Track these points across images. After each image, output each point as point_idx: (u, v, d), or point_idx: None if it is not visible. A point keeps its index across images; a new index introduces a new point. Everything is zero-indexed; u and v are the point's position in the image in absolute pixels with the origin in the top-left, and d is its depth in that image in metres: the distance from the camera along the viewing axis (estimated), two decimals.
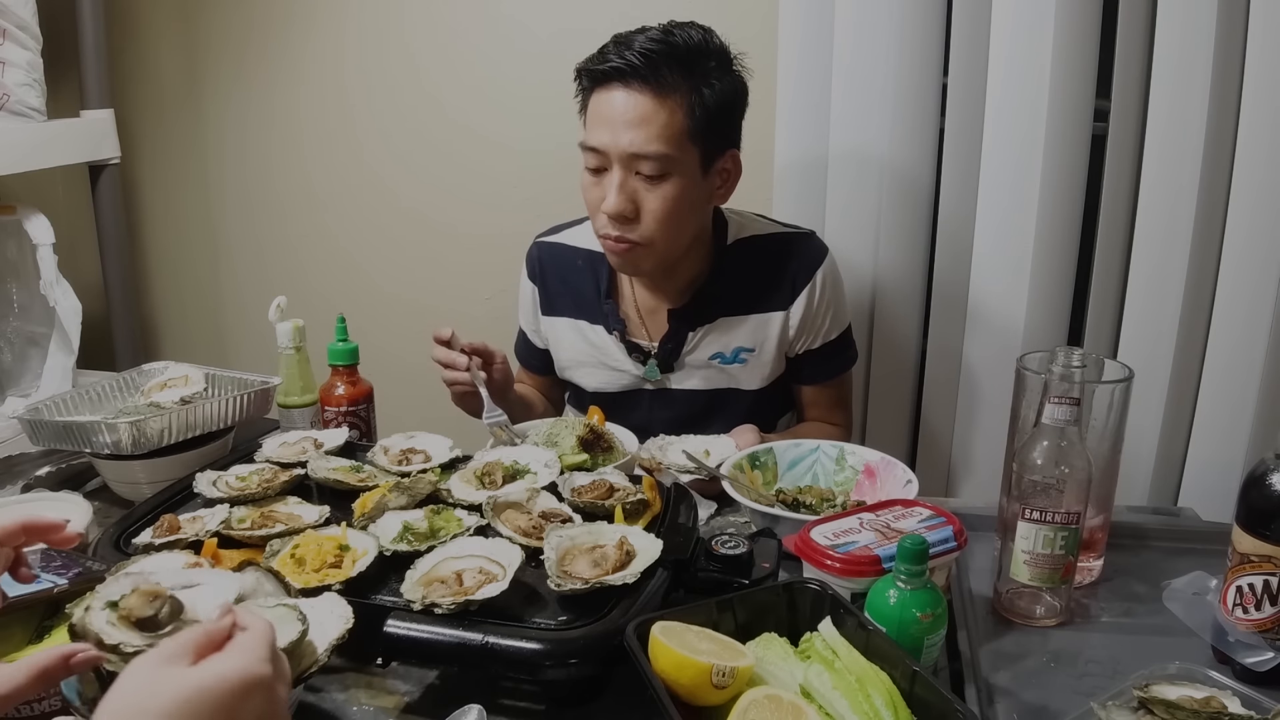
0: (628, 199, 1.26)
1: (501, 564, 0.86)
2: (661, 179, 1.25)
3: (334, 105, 2.08)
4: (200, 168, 2.22)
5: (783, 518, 1.05)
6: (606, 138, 1.24)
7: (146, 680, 0.56)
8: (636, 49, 1.22)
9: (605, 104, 1.25)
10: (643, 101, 1.22)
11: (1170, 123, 1.49)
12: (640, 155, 1.23)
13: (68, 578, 0.84)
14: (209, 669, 0.57)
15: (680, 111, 1.23)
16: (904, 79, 1.61)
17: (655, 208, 1.26)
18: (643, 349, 1.44)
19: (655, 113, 1.22)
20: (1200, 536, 1.14)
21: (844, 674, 0.74)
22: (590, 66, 1.27)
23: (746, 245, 1.42)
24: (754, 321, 1.41)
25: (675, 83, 1.23)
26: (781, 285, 1.40)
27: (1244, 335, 1.52)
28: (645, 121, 1.22)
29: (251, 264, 2.27)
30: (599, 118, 1.26)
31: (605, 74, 1.25)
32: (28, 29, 1.75)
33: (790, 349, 1.43)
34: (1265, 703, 0.79)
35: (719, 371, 1.43)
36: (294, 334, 1.34)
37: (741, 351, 1.41)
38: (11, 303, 1.90)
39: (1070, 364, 0.97)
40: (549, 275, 1.49)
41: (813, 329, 1.42)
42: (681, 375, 1.44)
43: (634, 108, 1.23)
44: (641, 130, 1.22)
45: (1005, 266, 1.63)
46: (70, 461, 1.33)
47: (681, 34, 1.25)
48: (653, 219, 1.27)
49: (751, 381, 1.43)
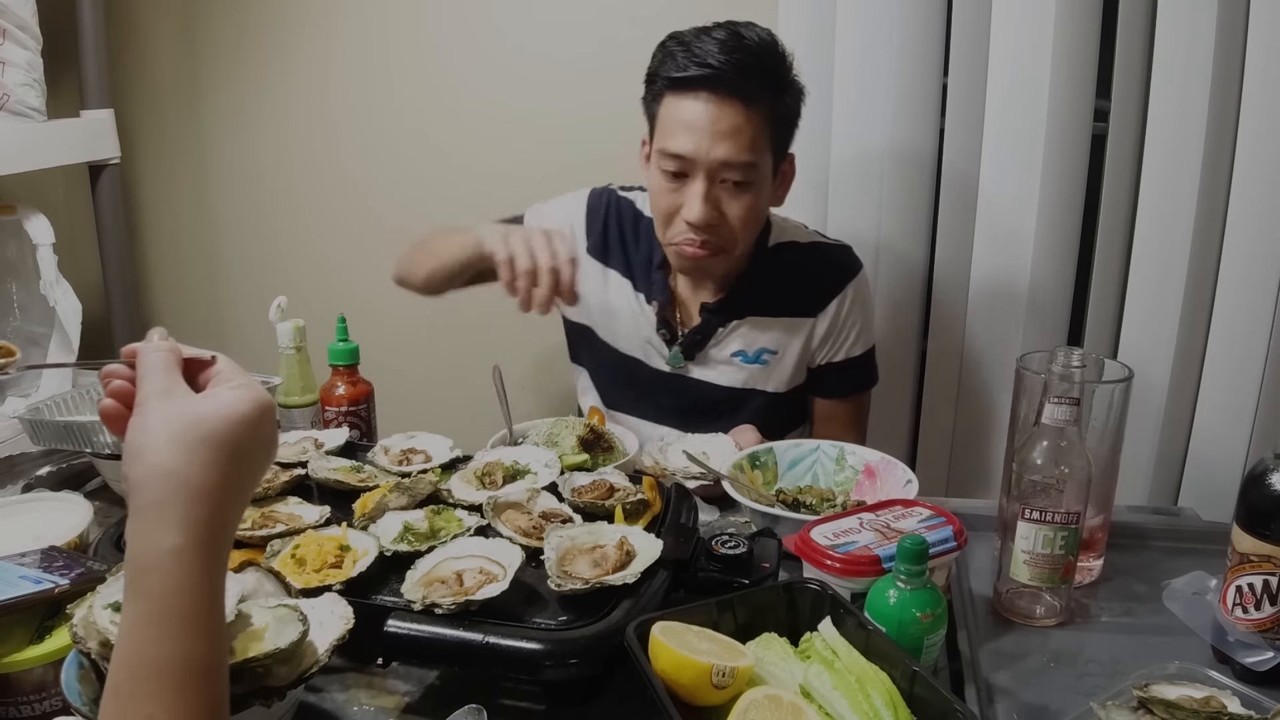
0: (713, 208, 1.25)
1: (502, 564, 0.86)
2: (746, 187, 1.25)
3: (335, 104, 2.08)
4: (200, 168, 2.22)
5: (783, 518, 1.05)
6: (692, 146, 1.22)
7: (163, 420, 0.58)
8: (724, 59, 1.20)
9: (689, 111, 1.22)
10: (733, 112, 1.20)
11: (1170, 123, 1.49)
12: (731, 164, 1.22)
13: (69, 578, 0.84)
14: (223, 396, 0.61)
15: (763, 120, 1.23)
16: (904, 79, 1.61)
17: (739, 215, 1.26)
18: (672, 329, 1.43)
19: (746, 123, 1.21)
20: (1200, 536, 1.14)
21: (844, 674, 0.74)
22: (671, 74, 1.23)
23: (785, 250, 1.42)
24: (781, 324, 1.41)
25: (759, 92, 1.22)
26: (813, 292, 1.40)
27: (1244, 335, 1.52)
28: (737, 132, 1.21)
29: (252, 264, 2.27)
30: (682, 124, 1.23)
31: (690, 81, 1.22)
32: (28, 29, 1.75)
33: (812, 359, 1.43)
34: (1265, 703, 0.79)
35: (738, 369, 1.42)
36: (294, 334, 1.34)
37: (764, 353, 1.41)
38: (11, 303, 1.90)
39: (1070, 364, 0.97)
40: (611, 224, 1.46)
41: (837, 341, 1.42)
42: (702, 367, 1.44)
43: (725, 118, 1.20)
44: (733, 141, 1.21)
45: (1005, 266, 1.63)
46: (70, 461, 1.33)
47: (752, 37, 1.23)
48: (736, 226, 1.27)
49: (769, 385, 1.43)
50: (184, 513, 0.56)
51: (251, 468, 0.61)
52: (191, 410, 0.59)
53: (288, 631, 0.73)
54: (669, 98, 1.25)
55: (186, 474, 0.56)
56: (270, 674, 0.71)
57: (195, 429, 0.58)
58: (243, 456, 0.59)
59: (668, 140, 1.25)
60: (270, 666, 0.71)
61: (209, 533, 0.56)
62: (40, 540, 0.94)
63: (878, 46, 1.61)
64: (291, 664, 0.72)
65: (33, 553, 0.90)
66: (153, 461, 0.56)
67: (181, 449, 0.57)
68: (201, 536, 0.56)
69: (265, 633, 0.74)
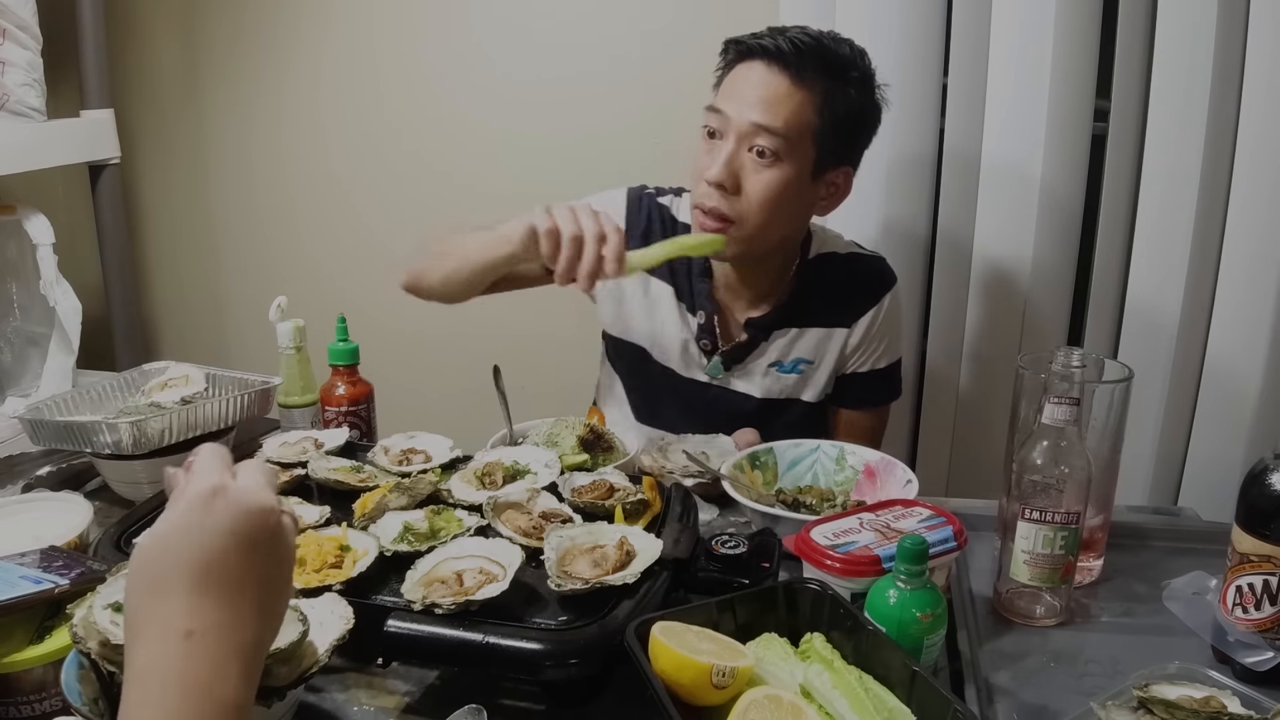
0: (732, 172, 1.26)
1: (502, 564, 0.86)
2: (772, 161, 1.25)
3: (335, 104, 2.08)
4: (200, 168, 2.22)
5: (783, 518, 1.05)
6: (733, 106, 1.25)
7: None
8: (789, 36, 1.24)
9: (743, 76, 1.26)
10: (780, 82, 1.23)
11: (1170, 123, 1.49)
12: (760, 126, 1.23)
13: (69, 578, 0.84)
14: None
15: (810, 106, 1.24)
16: (904, 79, 1.61)
17: (758, 188, 1.26)
18: (714, 340, 1.42)
19: (788, 96, 1.23)
20: (1200, 536, 1.14)
21: (844, 674, 0.74)
22: (740, 39, 1.28)
23: (825, 260, 1.42)
24: (818, 335, 1.41)
25: (814, 78, 1.24)
26: (850, 303, 1.40)
27: (1244, 335, 1.52)
28: (777, 101, 1.23)
29: (252, 264, 2.27)
30: (733, 87, 1.27)
31: (751, 49, 1.26)
32: (28, 29, 1.75)
33: (842, 368, 1.43)
34: (1265, 703, 0.79)
35: (775, 380, 1.42)
36: (294, 334, 1.34)
37: (800, 363, 1.41)
38: (11, 303, 1.90)
39: (1070, 364, 0.97)
40: (654, 231, 1.43)
41: (867, 351, 1.42)
42: (740, 378, 1.43)
43: (769, 85, 1.24)
44: (770, 108, 1.23)
45: (1005, 266, 1.63)
46: (70, 461, 1.33)
47: (833, 40, 1.27)
48: (752, 198, 1.26)
49: (806, 394, 1.43)
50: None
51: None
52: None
53: (287, 631, 0.72)
54: (735, 67, 1.29)
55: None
56: (270, 674, 0.71)
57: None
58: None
59: (717, 99, 1.29)
60: (270, 666, 0.71)
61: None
62: (40, 540, 0.94)
63: (878, 47, 1.59)
64: (291, 664, 0.72)
65: (33, 553, 0.90)
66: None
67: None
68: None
69: None
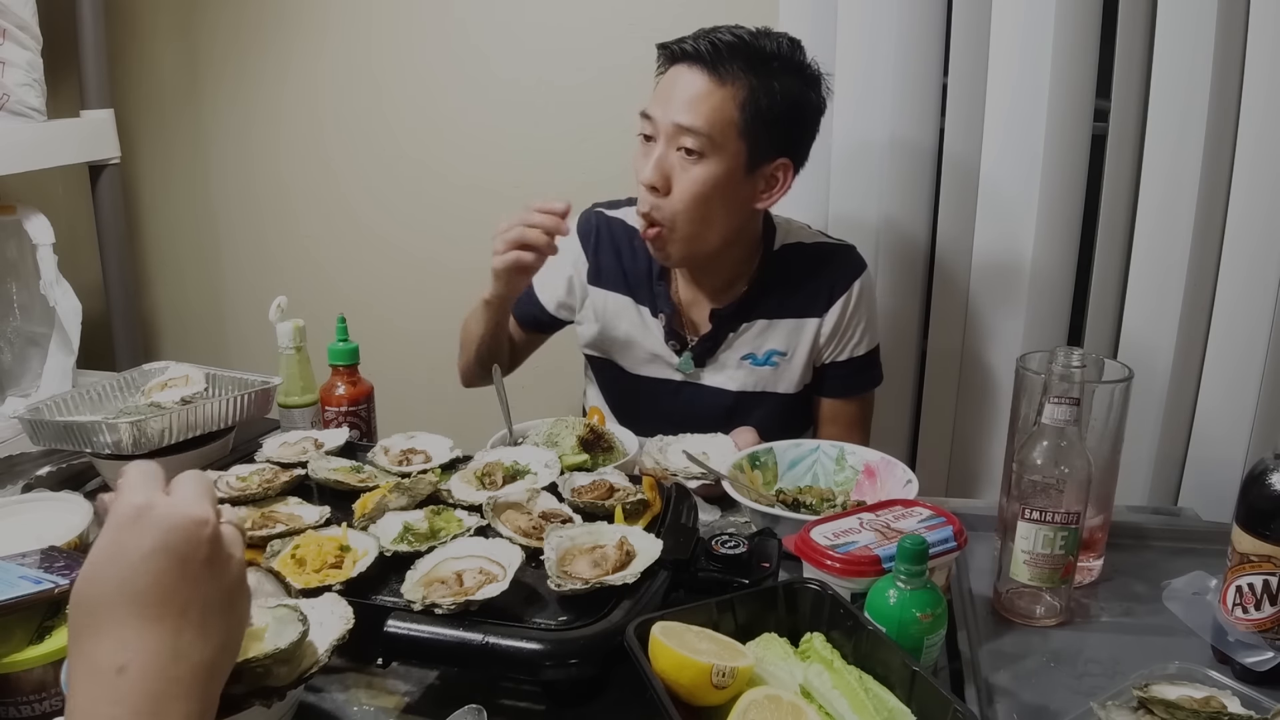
0: (663, 173, 1.29)
1: (501, 564, 0.86)
2: (698, 159, 1.27)
3: (335, 104, 2.08)
4: (200, 168, 2.22)
5: (783, 518, 1.05)
6: (659, 109, 1.29)
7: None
8: (711, 37, 1.27)
9: (671, 80, 1.30)
10: (701, 82, 1.26)
11: (1170, 123, 1.49)
12: (683, 127, 1.26)
13: (69, 578, 0.84)
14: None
15: (733, 102, 1.26)
16: (904, 80, 1.61)
17: (685, 185, 1.28)
18: (681, 339, 1.44)
19: (709, 94, 1.26)
20: (1200, 536, 1.14)
21: (844, 674, 0.74)
22: (667, 44, 1.31)
23: (791, 251, 1.43)
24: (789, 326, 1.42)
25: (736, 74, 1.26)
26: (819, 293, 1.42)
27: (1244, 335, 1.52)
28: (698, 100, 1.26)
29: (251, 264, 2.27)
30: (660, 91, 1.31)
31: (675, 53, 1.30)
32: (28, 29, 1.75)
33: (819, 358, 1.45)
34: (1265, 703, 0.78)
35: (749, 373, 1.43)
36: (294, 334, 1.34)
37: (773, 355, 1.42)
38: (11, 303, 1.90)
39: (1070, 364, 0.97)
40: (603, 246, 1.49)
41: (842, 340, 1.43)
42: (713, 372, 1.45)
43: (691, 86, 1.27)
44: (692, 107, 1.26)
45: (1005, 266, 1.63)
46: (70, 461, 1.33)
47: (758, 36, 1.29)
48: (680, 196, 1.29)
49: (780, 387, 1.44)
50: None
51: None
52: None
53: (288, 632, 0.73)
54: (666, 71, 1.32)
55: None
56: (270, 674, 0.71)
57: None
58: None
59: (648, 105, 1.31)
60: (270, 667, 0.71)
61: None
62: (40, 540, 0.94)
63: (878, 47, 1.61)
64: (291, 664, 0.72)
65: (33, 553, 0.90)
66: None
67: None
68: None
69: (265, 633, 0.73)
